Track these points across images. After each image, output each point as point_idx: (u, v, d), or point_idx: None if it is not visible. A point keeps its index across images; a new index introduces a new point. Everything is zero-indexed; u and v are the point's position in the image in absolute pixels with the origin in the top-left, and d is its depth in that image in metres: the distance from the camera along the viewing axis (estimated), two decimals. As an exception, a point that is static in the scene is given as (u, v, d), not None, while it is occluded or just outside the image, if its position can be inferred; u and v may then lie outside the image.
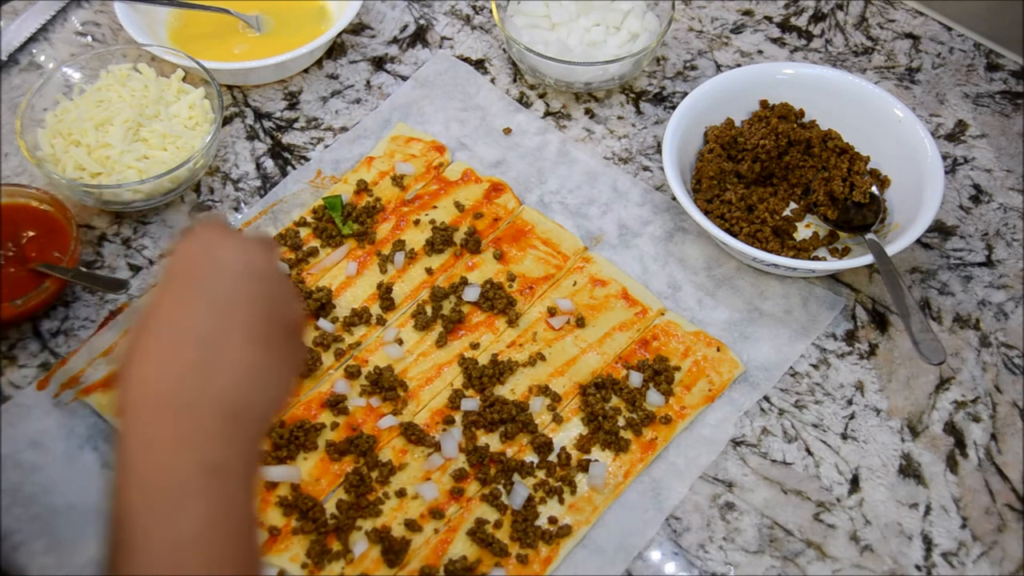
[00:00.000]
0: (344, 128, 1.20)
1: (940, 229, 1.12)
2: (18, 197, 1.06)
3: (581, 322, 1.03)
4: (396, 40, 1.29)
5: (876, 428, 0.98)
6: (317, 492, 0.93)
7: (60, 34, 1.29)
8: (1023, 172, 1.16)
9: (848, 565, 0.90)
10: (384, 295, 1.04)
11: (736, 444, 0.97)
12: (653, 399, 0.97)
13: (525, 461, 0.94)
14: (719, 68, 1.25)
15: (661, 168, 1.14)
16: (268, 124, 1.20)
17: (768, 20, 1.31)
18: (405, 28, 1.30)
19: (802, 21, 1.31)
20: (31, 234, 1.05)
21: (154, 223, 1.12)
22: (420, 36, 1.29)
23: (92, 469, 0.94)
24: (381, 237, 1.09)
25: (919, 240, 1.07)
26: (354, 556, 0.89)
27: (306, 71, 1.25)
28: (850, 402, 0.99)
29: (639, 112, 1.22)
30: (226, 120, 1.20)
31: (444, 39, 1.29)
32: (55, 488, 0.93)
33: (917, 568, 0.90)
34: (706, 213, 1.05)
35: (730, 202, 1.07)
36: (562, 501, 0.92)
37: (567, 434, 0.97)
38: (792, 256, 1.05)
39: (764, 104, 1.15)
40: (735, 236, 1.04)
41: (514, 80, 1.25)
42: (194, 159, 1.07)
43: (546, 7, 1.22)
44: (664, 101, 1.23)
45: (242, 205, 1.14)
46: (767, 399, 0.99)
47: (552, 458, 0.95)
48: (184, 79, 1.16)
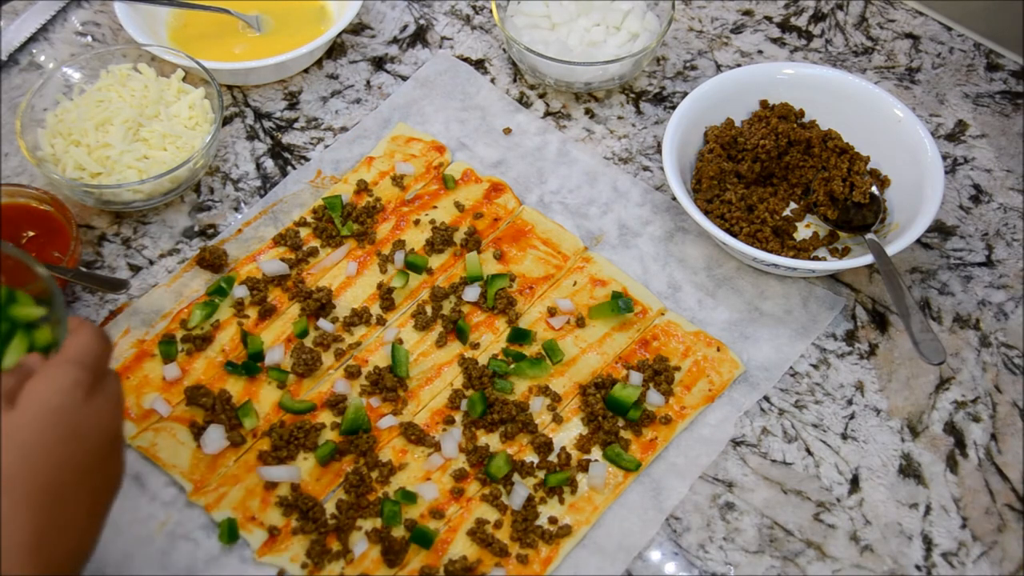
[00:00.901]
0: (344, 128, 1.20)
1: (940, 229, 1.12)
2: (18, 197, 1.06)
3: (581, 322, 1.03)
4: (396, 40, 1.29)
5: (876, 428, 0.98)
6: (317, 492, 0.93)
7: (60, 34, 1.29)
8: (1023, 172, 1.16)
9: (848, 565, 0.90)
10: (385, 295, 1.04)
11: (736, 444, 0.97)
12: (653, 399, 0.97)
13: (525, 461, 0.94)
14: (719, 68, 1.25)
15: (661, 168, 1.14)
16: (268, 124, 1.20)
17: (768, 20, 1.31)
18: (405, 28, 1.30)
19: (802, 21, 1.31)
20: (31, 234, 1.05)
21: (154, 223, 1.12)
22: (420, 36, 1.29)
23: None
24: (381, 237, 1.09)
25: (919, 240, 1.07)
26: (354, 556, 0.89)
27: (306, 71, 1.25)
28: (850, 402, 0.99)
29: (639, 112, 1.22)
30: (226, 120, 1.20)
31: (444, 39, 1.29)
32: None
33: (917, 568, 0.90)
34: (706, 213, 1.05)
35: (730, 202, 1.07)
36: (562, 501, 0.92)
37: (567, 434, 0.97)
38: (792, 256, 1.05)
39: (764, 104, 1.15)
40: (735, 236, 1.04)
41: (514, 80, 1.25)
42: (194, 159, 1.07)
43: (546, 7, 1.22)
44: (664, 101, 1.23)
45: (242, 205, 1.14)
46: (767, 399, 0.99)
47: (552, 458, 0.95)
48: (184, 79, 1.16)
